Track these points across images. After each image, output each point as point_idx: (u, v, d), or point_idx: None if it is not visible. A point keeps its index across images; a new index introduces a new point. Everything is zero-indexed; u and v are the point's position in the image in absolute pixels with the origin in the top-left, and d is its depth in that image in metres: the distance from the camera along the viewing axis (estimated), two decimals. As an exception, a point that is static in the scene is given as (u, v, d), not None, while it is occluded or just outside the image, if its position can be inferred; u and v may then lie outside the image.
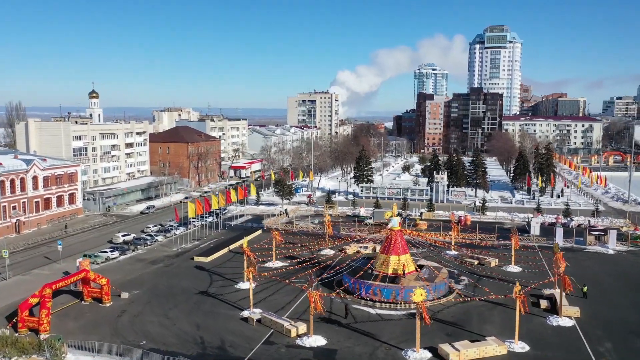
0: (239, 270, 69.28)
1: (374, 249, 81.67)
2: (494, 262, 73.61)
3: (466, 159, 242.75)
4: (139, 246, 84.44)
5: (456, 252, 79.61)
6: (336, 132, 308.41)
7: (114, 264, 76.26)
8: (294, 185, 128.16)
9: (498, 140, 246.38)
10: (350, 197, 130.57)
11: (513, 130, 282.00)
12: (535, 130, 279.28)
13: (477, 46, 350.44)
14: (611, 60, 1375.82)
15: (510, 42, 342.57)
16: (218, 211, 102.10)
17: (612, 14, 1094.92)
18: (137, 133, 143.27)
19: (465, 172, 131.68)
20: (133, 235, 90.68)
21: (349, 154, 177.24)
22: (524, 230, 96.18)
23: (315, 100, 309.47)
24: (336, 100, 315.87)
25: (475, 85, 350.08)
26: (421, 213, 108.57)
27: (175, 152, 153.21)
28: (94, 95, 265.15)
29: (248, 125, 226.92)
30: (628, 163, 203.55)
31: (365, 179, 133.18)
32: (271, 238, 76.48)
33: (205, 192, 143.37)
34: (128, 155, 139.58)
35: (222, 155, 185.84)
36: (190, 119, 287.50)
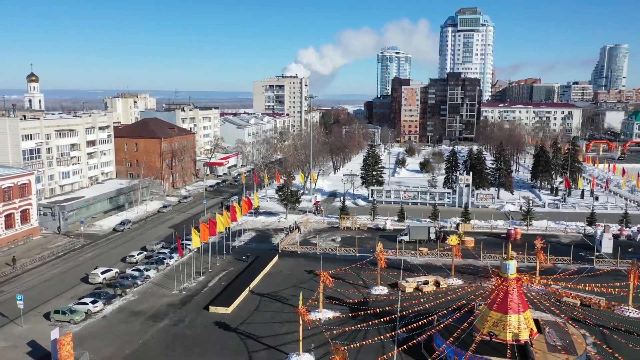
0: (277, 327, 50.79)
1: (436, 283, 64.55)
2: (603, 302, 57.92)
3: (446, 149, 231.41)
4: (127, 289, 63.42)
5: (542, 287, 63.29)
6: (306, 120, 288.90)
7: (98, 321, 55.30)
8: (294, 189, 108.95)
9: (486, 128, 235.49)
10: (361, 202, 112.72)
11: (492, 117, 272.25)
12: (514, 117, 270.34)
13: (450, 29, 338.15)
14: (562, 45, 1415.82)
15: (482, 25, 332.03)
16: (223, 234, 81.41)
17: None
18: (100, 128, 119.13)
19: (487, 171, 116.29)
20: (115, 270, 69.44)
21: (344, 148, 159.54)
22: (586, 246, 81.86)
23: (283, 86, 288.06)
24: (306, 85, 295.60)
25: (448, 70, 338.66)
26: (457, 225, 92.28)
27: (146, 150, 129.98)
28: (33, 78, 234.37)
29: (220, 115, 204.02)
30: (620, 152, 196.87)
31: (376, 181, 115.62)
32: (312, 279, 57.73)
33: (185, 197, 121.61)
34: (90, 155, 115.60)
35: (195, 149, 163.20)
36: (148, 106, 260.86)
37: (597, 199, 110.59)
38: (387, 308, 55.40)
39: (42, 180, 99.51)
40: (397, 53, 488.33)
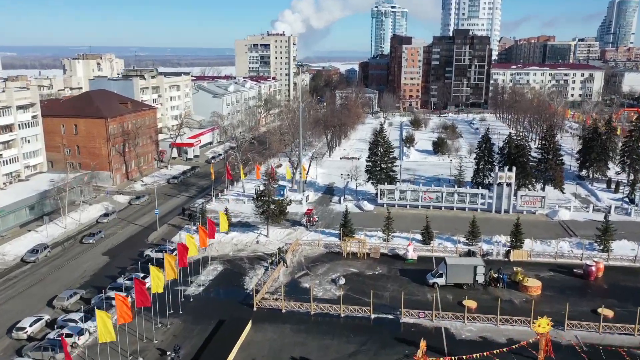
0: None
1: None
2: None
3: (452, 117, 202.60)
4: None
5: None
6: (294, 84, 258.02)
7: None
8: (279, 196, 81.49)
9: (499, 94, 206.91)
10: (367, 205, 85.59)
11: (503, 81, 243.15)
12: (528, 81, 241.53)
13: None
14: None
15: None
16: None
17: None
18: (20, 107, 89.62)
19: (529, 157, 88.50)
20: (46, 317, 43.81)
21: (341, 123, 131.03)
22: None
23: (269, 45, 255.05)
24: (294, 44, 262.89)
25: (452, 27, 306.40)
26: (507, 251, 65.75)
27: (88, 133, 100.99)
28: None
29: (193, 80, 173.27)
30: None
31: (387, 176, 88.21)
32: None
33: (137, 197, 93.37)
34: (6, 145, 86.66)
35: (160, 126, 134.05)
36: (114, 69, 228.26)
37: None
38: None
39: None
40: (393, 7, 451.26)
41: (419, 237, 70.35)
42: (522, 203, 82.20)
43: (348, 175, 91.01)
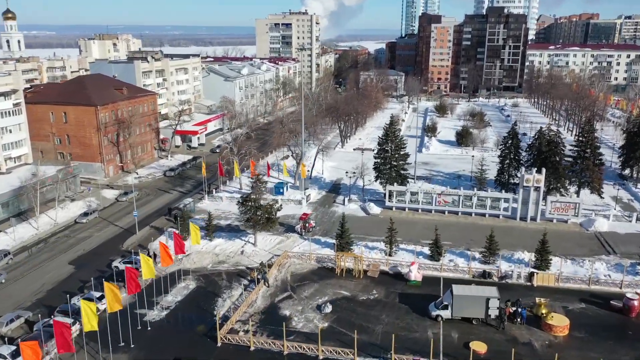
0: None
1: None
2: None
3: (483, 102, 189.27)
4: None
5: None
6: (317, 65, 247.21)
7: None
8: (266, 182, 72.70)
9: (534, 78, 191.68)
10: (374, 208, 75.93)
11: (540, 63, 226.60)
12: (567, 63, 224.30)
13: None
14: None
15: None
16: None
17: None
18: (0, 94, 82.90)
19: (562, 156, 76.88)
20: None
21: (357, 111, 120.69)
22: None
23: (290, 24, 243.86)
24: (317, 23, 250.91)
25: (486, 5, 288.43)
26: (530, 274, 55.39)
27: (78, 121, 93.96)
28: (10, 15, 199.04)
29: (203, 59, 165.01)
30: None
31: (398, 176, 78.16)
32: None
33: (126, 192, 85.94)
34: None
35: (163, 111, 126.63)
36: (129, 48, 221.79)
37: None
38: None
39: None
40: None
41: (427, 250, 60.62)
42: (552, 210, 71.11)
43: (354, 173, 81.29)
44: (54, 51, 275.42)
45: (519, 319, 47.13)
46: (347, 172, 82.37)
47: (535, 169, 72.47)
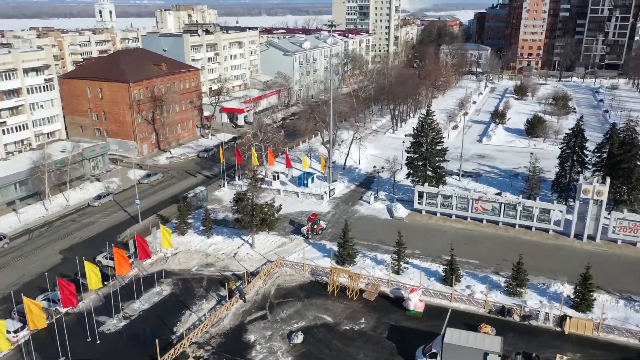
0: None
1: None
2: None
3: (574, 86, 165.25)
4: None
5: None
6: (396, 38, 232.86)
7: None
8: (263, 179, 65.47)
9: None
10: (401, 209, 66.42)
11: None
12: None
13: None
14: None
15: None
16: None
17: None
18: (32, 69, 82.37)
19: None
20: None
21: (415, 95, 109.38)
22: None
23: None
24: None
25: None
26: (561, 320, 44.12)
27: (112, 98, 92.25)
28: None
29: (263, 33, 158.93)
30: None
31: (432, 174, 67.74)
32: None
33: (149, 174, 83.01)
34: (12, 111, 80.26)
35: (214, 87, 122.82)
36: (204, 19, 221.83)
37: None
38: None
39: None
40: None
41: (440, 270, 50.92)
42: (617, 228, 57.69)
43: (382, 167, 71.79)
44: (130, 22, 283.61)
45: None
46: (374, 167, 73.11)
47: (601, 174, 59.02)
